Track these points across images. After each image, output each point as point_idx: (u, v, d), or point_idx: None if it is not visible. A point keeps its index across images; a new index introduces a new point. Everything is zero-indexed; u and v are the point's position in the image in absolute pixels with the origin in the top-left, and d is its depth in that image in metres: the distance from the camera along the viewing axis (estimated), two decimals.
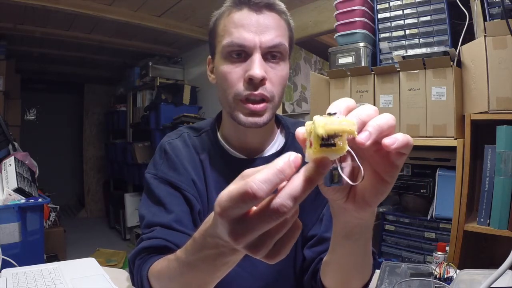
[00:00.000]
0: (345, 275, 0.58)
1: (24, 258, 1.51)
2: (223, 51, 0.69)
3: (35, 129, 5.17)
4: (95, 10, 2.68)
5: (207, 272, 0.44)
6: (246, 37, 0.66)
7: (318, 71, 2.85)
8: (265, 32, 0.66)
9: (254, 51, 0.66)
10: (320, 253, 0.69)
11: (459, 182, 1.34)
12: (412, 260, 1.51)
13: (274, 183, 0.30)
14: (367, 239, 0.50)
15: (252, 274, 0.74)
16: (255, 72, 0.65)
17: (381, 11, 1.67)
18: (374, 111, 0.36)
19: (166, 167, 0.75)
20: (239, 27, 0.66)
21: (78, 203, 5.56)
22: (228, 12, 0.70)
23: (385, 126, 0.35)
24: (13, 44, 3.35)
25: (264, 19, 0.67)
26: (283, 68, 0.70)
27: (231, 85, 0.68)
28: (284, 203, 0.29)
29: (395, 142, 0.34)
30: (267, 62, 0.68)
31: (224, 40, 0.68)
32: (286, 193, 0.30)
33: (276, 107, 0.72)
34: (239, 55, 0.67)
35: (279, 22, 0.69)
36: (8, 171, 1.80)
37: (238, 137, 0.76)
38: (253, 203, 0.30)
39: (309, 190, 0.30)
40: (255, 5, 0.67)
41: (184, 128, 0.84)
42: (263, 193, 0.29)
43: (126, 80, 4.40)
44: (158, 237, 0.66)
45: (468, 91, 1.40)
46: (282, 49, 0.68)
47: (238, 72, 0.68)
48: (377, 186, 0.39)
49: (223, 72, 0.69)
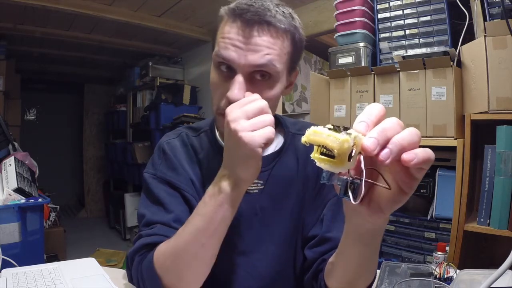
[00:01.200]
0: (351, 276, 0.57)
1: (24, 258, 1.51)
2: (214, 59, 0.67)
3: (35, 129, 5.17)
4: (95, 10, 2.68)
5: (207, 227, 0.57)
6: (231, 54, 0.62)
7: (318, 71, 2.85)
8: (252, 51, 0.62)
9: (238, 69, 0.62)
10: (322, 253, 0.69)
11: (459, 182, 1.34)
12: (412, 260, 1.51)
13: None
14: (377, 244, 0.50)
15: (252, 275, 0.74)
16: (231, 94, 0.61)
17: (381, 11, 1.66)
18: (398, 125, 0.38)
19: (164, 167, 0.75)
20: (226, 40, 0.63)
21: (78, 203, 5.56)
22: (224, 20, 0.66)
23: (407, 143, 0.36)
24: (13, 44, 3.35)
25: (255, 36, 0.62)
26: (273, 89, 0.66)
27: (215, 98, 0.68)
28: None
29: (415, 158, 0.35)
30: (253, 82, 0.64)
31: (215, 49, 0.66)
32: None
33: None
34: (228, 69, 0.64)
35: (273, 41, 0.63)
36: (8, 171, 1.80)
37: None
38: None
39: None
40: (246, 21, 0.62)
41: (183, 128, 0.84)
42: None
43: (126, 80, 4.40)
44: (159, 234, 0.66)
45: (468, 91, 1.40)
46: (271, 69, 0.63)
47: (223, 86, 0.65)
48: (394, 195, 0.39)
49: (212, 80, 0.69)
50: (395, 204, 0.40)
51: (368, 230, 0.45)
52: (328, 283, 0.64)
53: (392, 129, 0.37)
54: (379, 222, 0.43)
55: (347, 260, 0.55)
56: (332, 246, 0.67)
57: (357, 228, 0.46)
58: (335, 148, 0.34)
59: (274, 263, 0.74)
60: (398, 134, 0.36)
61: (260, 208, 0.74)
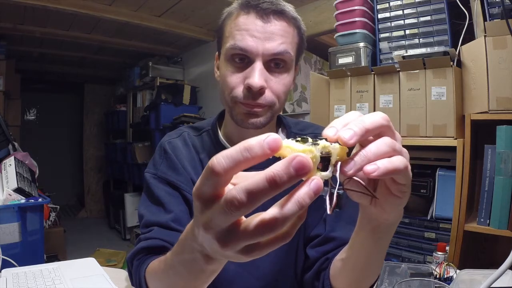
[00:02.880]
0: (359, 273, 0.57)
1: (24, 258, 1.51)
2: (226, 54, 0.68)
3: (35, 129, 5.18)
4: (95, 10, 2.68)
5: (187, 278, 0.42)
6: (249, 43, 0.64)
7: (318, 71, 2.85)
8: (269, 39, 0.65)
9: (256, 58, 0.65)
10: (326, 252, 0.69)
11: (459, 182, 1.34)
12: (412, 260, 1.51)
13: (236, 160, 0.27)
14: (388, 240, 0.49)
15: (253, 274, 0.74)
16: (254, 81, 0.64)
17: (381, 11, 1.66)
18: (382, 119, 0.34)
19: (165, 166, 0.75)
20: (243, 31, 0.65)
21: (78, 203, 5.56)
22: (236, 14, 0.69)
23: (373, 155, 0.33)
24: (13, 44, 3.36)
25: (270, 26, 0.65)
26: (286, 77, 0.69)
27: (230, 88, 0.68)
28: (237, 195, 0.27)
29: (376, 170, 0.32)
30: (270, 70, 0.67)
31: (228, 43, 0.67)
32: (242, 186, 0.27)
33: (276, 112, 0.71)
34: (241, 60, 0.67)
35: (287, 29, 0.67)
36: (8, 171, 1.80)
37: (240, 136, 0.76)
38: (216, 179, 0.27)
39: (271, 190, 0.26)
40: (262, 11, 0.65)
41: (185, 127, 0.84)
42: (220, 168, 0.27)
43: (126, 80, 4.40)
44: (155, 237, 0.66)
45: (468, 91, 1.40)
46: (287, 57, 0.67)
47: (239, 77, 0.67)
48: (390, 199, 0.39)
49: (224, 74, 0.69)
50: (394, 207, 0.40)
51: (381, 225, 0.45)
52: (334, 281, 0.63)
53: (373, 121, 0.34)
54: (391, 218, 0.43)
55: (358, 255, 0.54)
56: (336, 245, 0.67)
57: (370, 222, 0.46)
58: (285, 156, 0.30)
59: (276, 263, 0.75)
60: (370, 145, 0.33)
61: (262, 208, 0.74)
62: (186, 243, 0.39)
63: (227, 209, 0.27)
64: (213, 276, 0.42)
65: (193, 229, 0.35)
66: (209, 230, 0.30)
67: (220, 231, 0.29)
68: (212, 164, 0.27)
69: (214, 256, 0.35)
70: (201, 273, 0.40)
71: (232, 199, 0.27)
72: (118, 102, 4.79)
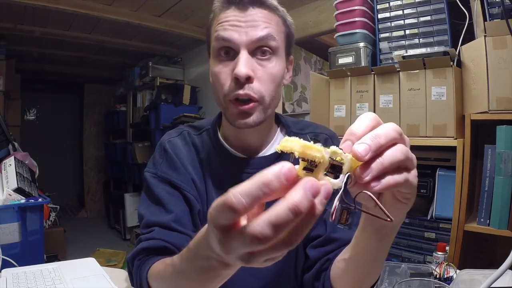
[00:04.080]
0: (362, 273, 0.57)
1: (24, 258, 1.51)
2: (213, 51, 0.69)
3: (35, 129, 5.17)
4: (95, 10, 2.67)
5: (199, 282, 0.42)
6: (231, 34, 0.65)
7: (318, 71, 2.85)
8: (251, 26, 0.65)
9: (240, 47, 0.65)
10: (327, 253, 0.69)
11: (459, 182, 1.34)
12: (412, 260, 1.51)
13: (256, 197, 0.27)
14: (390, 241, 0.50)
15: (253, 274, 0.74)
16: (239, 70, 0.63)
17: (381, 11, 1.66)
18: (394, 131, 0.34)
19: (166, 166, 0.75)
20: (224, 23, 0.66)
21: (78, 203, 5.56)
22: (218, 12, 0.70)
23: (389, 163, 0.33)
24: (13, 44, 3.35)
25: (250, 15, 0.66)
26: (275, 65, 0.67)
27: (221, 85, 0.68)
28: (261, 231, 0.26)
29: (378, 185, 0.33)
30: (256, 59, 0.66)
31: (212, 40, 0.68)
32: (265, 219, 0.27)
33: (267, 107, 0.69)
34: (227, 54, 0.67)
35: (269, 16, 0.67)
36: (8, 171, 1.80)
37: (237, 136, 0.76)
38: (235, 215, 0.27)
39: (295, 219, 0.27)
40: (241, 2, 0.66)
41: (185, 126, 0.83)
42: (241, 207, 0.27)
43: (126, 80, 4.40)
44: (156, 237, 0.66)
45: (468, 91, 1.40)
46: (272, 43, 0.66)
47: (226, 72, 0.67)
48: (394, 203, 0.40)
49: (213, 72, 0.69)
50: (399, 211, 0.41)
51: (384, 227, 0.45)
52: (335, 282, 0.63)
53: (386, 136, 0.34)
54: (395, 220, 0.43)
55: (361, 255, 0.54)
56: (338, 246, 0.67)
57: (373, 223, 0.46)
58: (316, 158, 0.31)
59: (276, 263, 0.74)
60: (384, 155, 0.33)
61: None
62: (199, 252, 0.38)
63: (250, 242, 0.27)
64: (227, 278, 0.42)
65: (208, 241, 0.34)
66: (231, 254, 0.30)
67: (243, 254, 0.30)
68: (230, 201, 0.27)
69: (234, 264, 0.35)
70: (216, 277, 0.40)
71: (257, 235, 0.27)
72: (118, 102, 4.78)
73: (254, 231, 0.27)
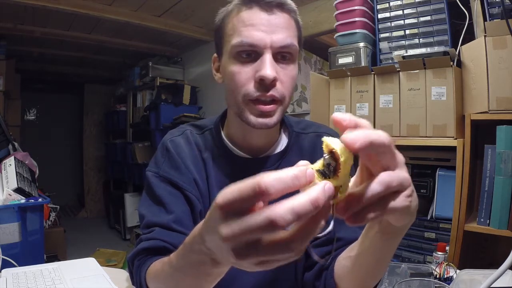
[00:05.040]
0: (367, 272, 0.56)
1: (24, 258, 1.51)
2: (232, 51, 0.67)
3: (35, 129, 5.17)
4: (95, 10, 2.67)
5: (194, 279, 0.43)
6: (256, 37, 0.64)
7: (318, 71, 2.85)
8: (276, 32, 0.65)
9: (264, 51, 0.64)
10: (329, 252, 0.68)
11: (459, 182, 1.34)
12: (412, 260, 1.51)
13: (288, 185, 0.28)
14: (397, 242, 0.49)
15: (252, 273, 0.73)
16: (266, 73, 0.63)
17: (381, 11, 1.66)
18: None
19: (167, 165, 0.75)
20: (249, 26, 0.65)
21: (78, 203, 5.56)
22: (237, 10, 0.67)
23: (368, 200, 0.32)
24: (13, 44, 3.35)
25: (275, 18, 0.65)
26: (293, 69, 0.69)
27: (240, 86, 0.66)
28: (284, 216, 0.27)
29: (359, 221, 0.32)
30: (277, 63, 0.66)
31: (233, 40, 0.66)
32: (289, 206, 0.27)
33: (285, 108, 0.71)
34: (249, 55, 0.66)
35: (290, 22, 0.68)
36: (8, 171, 1.80)
37: (244, 136, 0.75)
38: (260, 197, 0.28)
39: (313, 212, 0.28)
40: (266, 4, 0.65)
41: (187, 125, 0.83)
42: (274, 190, 0.28)
43: (126, 80, 4.40)
44: (156, 238, 0.66)
45: (468, 91, 1.40)
46: (293, 50, 0.67)
47: (248, 73, 0.66)
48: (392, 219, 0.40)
49: (231, 72, 0.67)
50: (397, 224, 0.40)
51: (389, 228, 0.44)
52: (340, 281, 0.63)
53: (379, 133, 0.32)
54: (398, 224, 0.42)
55: (367, 253, 0.53)
56: (340, 245, 0.67)
57: (379, 222, 0.45)
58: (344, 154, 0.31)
59: None
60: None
61: None
62: (193, 246, 0.39)
63: (266, 226, 0.28)
64: (220, 278, 0.43)
65: (202, 233, 0.35)
66: (229, 241, 0.30)
67: (240, 244, 0.30)
68: (264, 183, 0.28)
69: (223, 262, 0.36)
70: (208, 275, 0.41)
71: (278, 218, 0.27)
72: (118, 102, 4.78)
73: (276, 214, 0.27)
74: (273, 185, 0.28)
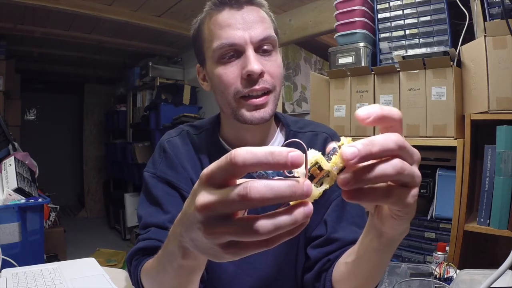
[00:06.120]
0: (363, 278, 0.57)
1: (24, 258, 1.51)
2: (214, 55, 0.68)
3: (35, 129, 5.17)
4: (95, 10, 2.68)
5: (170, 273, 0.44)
6: (236, 35, 0.65)
7: (318, 71, 2.85)
8: (252, 27, 0.66)
9: (246, 47, 0.66)
10: (328, 253, 0.68)
11: (459, 182, 1.34)
12: (412, 260, 1.51)
13: (258, 159, 0.27)
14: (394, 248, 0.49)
15: (251, 275, 0.74)
16: (253, 67, 0.64)
17: (381, 11, 1.66)
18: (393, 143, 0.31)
19: (165, 166, 0.75)
20: (225, 27, 0.66)
21: (78, 203, 5.56)
22: (210, 15, 0.69)
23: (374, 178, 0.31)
24: (13, 44, 3.35)
25: (248, 15, 0.67)
26: (277, 58, 0.71)
27: (229, 85, 0.67)
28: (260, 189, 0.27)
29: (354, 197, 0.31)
30: (260, 56, 0.68)
31: (213, 44, 0.67)
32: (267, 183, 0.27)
33: (277, 98, 0.72)
34: (231, 56, 0.67)
35: (262, 15, 0.70)
36: (8, 171, 1.80)
37: (237, 136, 0.76)
38: (232, 169, 0.28)
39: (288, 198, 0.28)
40: (235, 2, 0.67)
41: (185, 125, 0.83)
42: (241, 160, 0.27)
43: (126, 80, 4.40)
44: (152, 238, 0.67)
45: (468, 91, 1.40)
46: (272, 40, 0.69)
47: (234, 71, 0.67)
48: (390, 219, 0.39)
49: (218, 74, 0.68)
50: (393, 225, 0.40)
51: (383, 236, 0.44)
52: (337, 285, 0.63)
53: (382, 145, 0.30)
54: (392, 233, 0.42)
55: (363, 259, 0.53)
56: (338, 246, 0.67)
57: (374, 229, 0.45)
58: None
59: (275, 263, 0.74)
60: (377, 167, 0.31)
61: (262, 208, 0.73)
62: (170, 236, 0.41)
63: (240, 198, 0.27)
64: (195, 276, 0.43)
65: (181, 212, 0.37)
66: (203, 211, 0.30)
67: (213, 215, 0.30)
68: (235, 154, 0.28)
69: (189, 247, 0.35)
70: (180, 268, 0.41)
71: (255, 191, 0.27)
72: (118, 102, 4.78)
73: (253, 187, 0.27)
74: (245, 156, 0.27)
